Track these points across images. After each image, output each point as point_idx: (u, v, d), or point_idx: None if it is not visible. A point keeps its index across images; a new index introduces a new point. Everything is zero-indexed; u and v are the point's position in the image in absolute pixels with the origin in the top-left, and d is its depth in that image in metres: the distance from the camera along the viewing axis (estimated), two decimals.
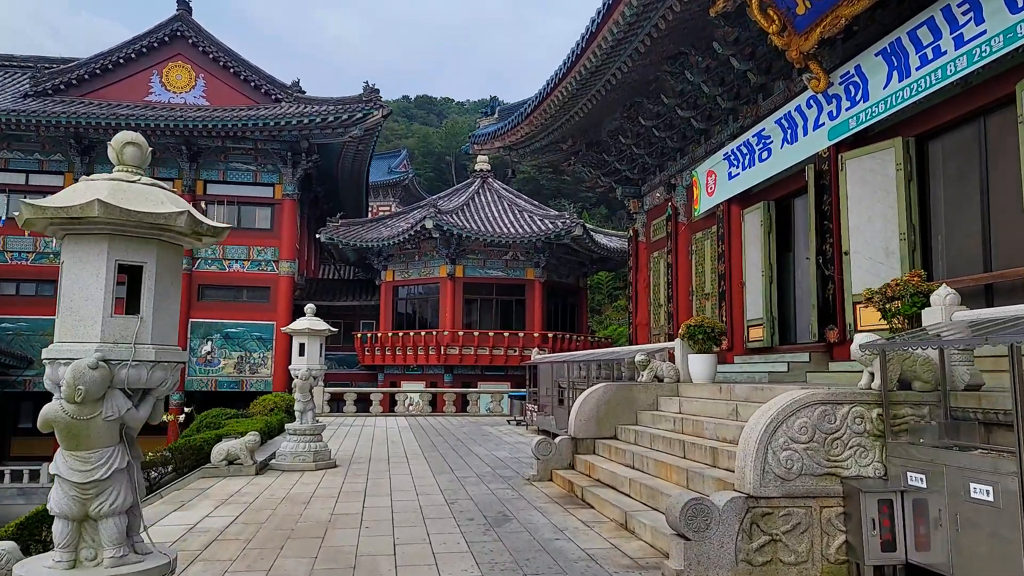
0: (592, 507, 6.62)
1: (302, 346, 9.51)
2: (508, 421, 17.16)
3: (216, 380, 25.51)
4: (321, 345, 9.72)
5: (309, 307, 9.80)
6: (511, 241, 25.88)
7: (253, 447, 8.70)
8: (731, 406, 6.85)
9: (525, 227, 26.78)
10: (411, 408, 21.74)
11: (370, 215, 36.37)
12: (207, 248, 26.28)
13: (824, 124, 9.30)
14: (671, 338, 14.19)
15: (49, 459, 17.96)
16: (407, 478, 8.56)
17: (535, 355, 17.05)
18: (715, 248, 13.00)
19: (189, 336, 25.59)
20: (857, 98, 8.76)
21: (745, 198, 11.81)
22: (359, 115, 25.50)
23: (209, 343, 25.52)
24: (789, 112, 9.95)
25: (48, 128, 24.66)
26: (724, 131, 12.56)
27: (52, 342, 3.01)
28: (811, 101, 9.53)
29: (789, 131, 10.05)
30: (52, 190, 26.92)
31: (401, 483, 8.16)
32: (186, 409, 12.40)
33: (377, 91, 26.11)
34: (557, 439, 8.39)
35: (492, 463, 9.89)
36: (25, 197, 25.56)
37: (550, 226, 26.26)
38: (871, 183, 8.59)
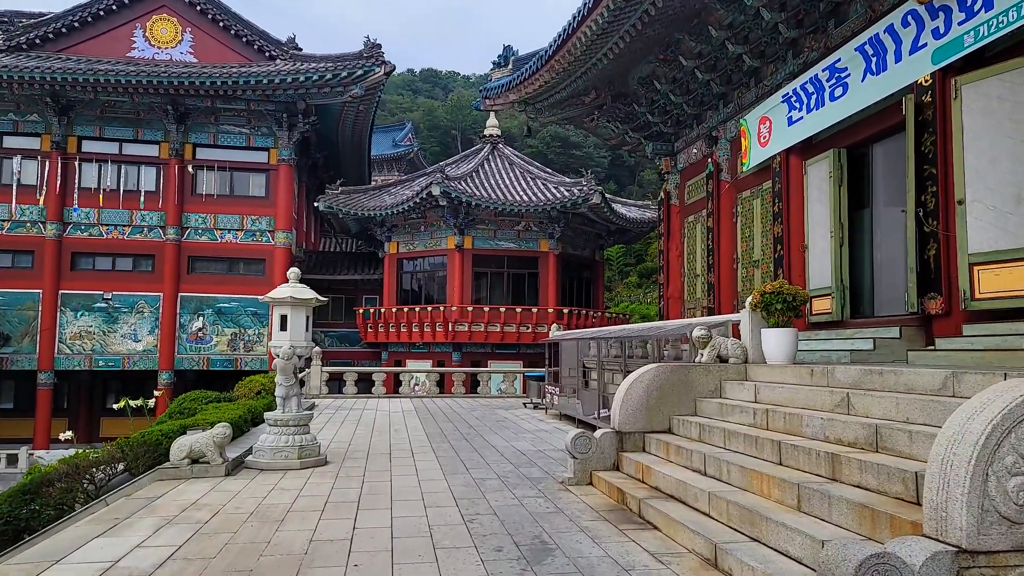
0: (656, 528, 5.01)
1: (284, 318, 7.88)
2: (524, 404, 15.59)
3: (208, 358, 24.02)
4: (308, 318, 8.09)
5: (292, 271, 8.13)
6: (524, 210, 24.10)
7: (222, 442, 7.11)
8: (837, 396, 5.18)
9: (539, 195, 24.97)
10: (417, 389, 20.22)
11: None
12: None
13: (926, 45, 7.46)
14: (710, 312, 12.52)
15: (27, 441, 16.41)
16: (412, 480, 6.98)
17: (554, 331, 15.43)
18: (767, 207, 11.23)
19: (179, 311, 24.05)
20: (976, 7, 6.91)
21: (807, 147, 10.01)
22: (360, 72, 23.56)
23: (200, 319, 23.98)
24: (876, 35, 8.09)
25: (22, 85, 22.83)
26: (782, 70, 10.70)
27: (31, 317, 1.31)
28: (908, 17, 7.67)
29: (875, 59, 8.21)
30: (29, 153, 25.24)
31: (404, 488, 6.57)
32: (156, 392, 10.81)
33: (379, 46, 24.13)
34: (597, 433, 6.77)
35: (514, 458, 8.30)
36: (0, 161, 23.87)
37: (566, 194, 24.45)
38: (997, 113, 6.79)
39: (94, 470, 7.03)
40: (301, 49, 26.15)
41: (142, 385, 22.48)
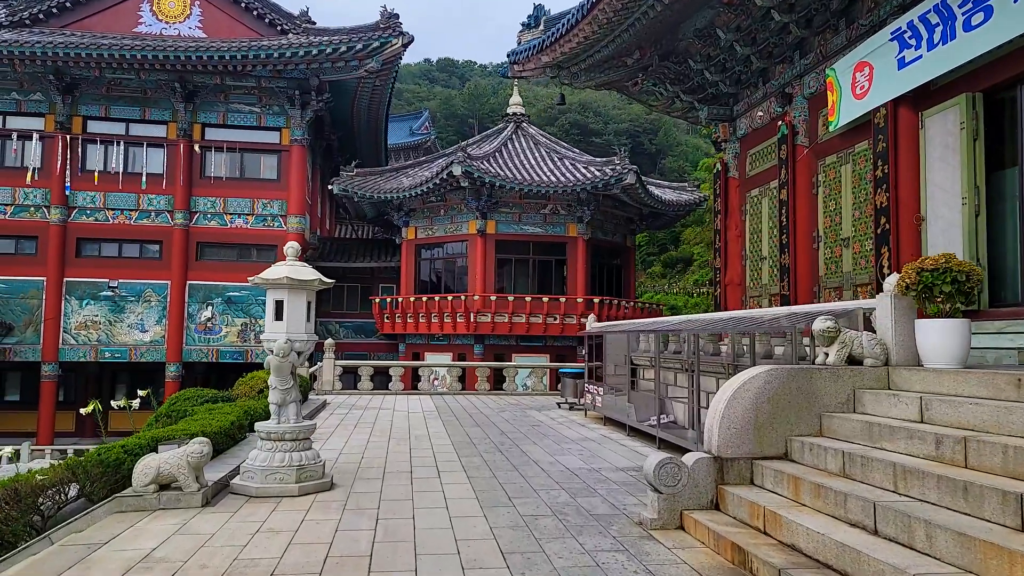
0: None
1: (279, 305, 6.26)
2: (558, 404, 13.91)
3: (217, 350, 22.69)
4: (310, 304, 6.47)
5: (290, 246, 6.51)
6: (551, 191, 22.30)
7: (199, 462, 5.53)
8: None
9: (567, 175, 23.15)
10: (437, 384, 18.65)
11: None
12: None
13: None
14: (784, 301, 10.69)
15: (32, 435, 15.04)
16: (441, 515, 5.33)
17: (591, 323, 13.70)
18: (862, 173, 9.36)
19: (187, 300, 22.73)
20: None
21: (923, 95, 8.12)
22: (376, 44, 21.90)
23: (209, 308, 22.63)
24: None
25: (24, 62, 21.57)
26: (886, 2, 8.78)
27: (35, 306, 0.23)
28: None
29: None
30: (30, 135, 24.09)
31: (432, 530, 4.93)
32: (140, 393, 9.33)
33: (396, 16, 22.43)
34: (689, 459, 5.06)
35: (566, 481, 6.62)
36: (1, 142, 22.71)
37: (597, 174, 22.58)
38: None
39: (39, 497, 5.51)
40: (315, 23, 24.54)
41: (151, 378, 21.24)
